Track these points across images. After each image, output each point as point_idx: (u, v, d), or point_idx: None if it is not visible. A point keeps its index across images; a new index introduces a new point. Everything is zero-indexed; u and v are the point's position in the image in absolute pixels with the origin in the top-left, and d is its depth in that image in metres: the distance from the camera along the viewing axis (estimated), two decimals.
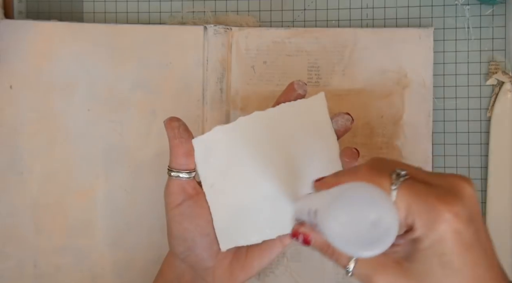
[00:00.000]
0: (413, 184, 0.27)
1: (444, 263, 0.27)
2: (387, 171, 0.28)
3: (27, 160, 0.48)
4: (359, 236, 0.24)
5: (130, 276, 0.48)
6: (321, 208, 0.25)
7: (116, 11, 0.51)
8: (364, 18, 0.49)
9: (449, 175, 0.29)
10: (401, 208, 0.27)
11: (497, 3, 0.47)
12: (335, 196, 0.24)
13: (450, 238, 0.26)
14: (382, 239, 0.24)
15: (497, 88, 0.47)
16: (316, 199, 0.29)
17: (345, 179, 0.29)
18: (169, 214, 0.38)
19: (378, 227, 0.24)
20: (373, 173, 0.28)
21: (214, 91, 0.48)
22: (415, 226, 0.27)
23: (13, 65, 0.48)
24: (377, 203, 0.24)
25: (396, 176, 0.27)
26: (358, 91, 0.47)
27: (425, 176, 0.28)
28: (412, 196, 0.27)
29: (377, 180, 0.27)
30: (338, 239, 0.24)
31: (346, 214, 0.24)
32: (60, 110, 0.48)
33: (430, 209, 0.26)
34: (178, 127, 0.38)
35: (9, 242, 0.48)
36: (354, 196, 0.24)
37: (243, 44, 0.48)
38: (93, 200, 0.48)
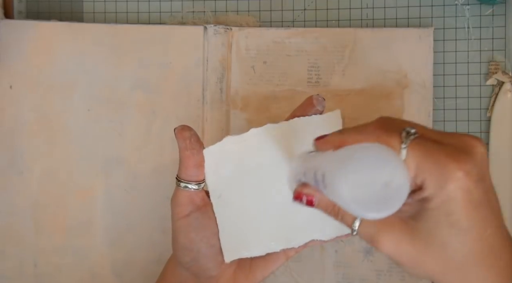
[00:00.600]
0: (423, 142, 0.26)
1: (452, 222, 0.26)
2: (396, 129, 0.27)
3: (27, 160, 0.48)
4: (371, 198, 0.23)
5: (130, 276, 0.48)
6: (330, 171, 0.25)
7: (116, 11, 0.51)
8: (364, 18, 0.49)
9: (460, 134, 0.28)
10: (411, 167, 0.26)
11: (497, 3, 0.47)
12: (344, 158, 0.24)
13: (459, 197, 0.26)
14: (393, 200, 0.24)
15: (497, 88, 0.47)
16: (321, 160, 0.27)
17: (351, 138, 0.28)
18: (176, 224, 0.37)
19: (389, 188, 0.23)
20: (381, 131, 0.27)
21: (214, 91, 0.48)
22: (425, 185, 0.26)
23: (13, 65, 0.48)
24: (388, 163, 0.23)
25: (406, 134, 0.26)
26: (358, 91, 0.47)
27: (435, 135, 0.28)
28: (422, 154, 0.26)
29: (385, 139, 0.26)
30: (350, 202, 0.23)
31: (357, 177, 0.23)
32: (60, 110, 0.48)
33: (440, 168, 0.25)
34: (190, 137, 0.36)
35: (9, 242, 0.48)
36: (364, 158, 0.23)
37: (243, 44, 0.48)
38: (93, 200, 0.48)
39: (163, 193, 0.47)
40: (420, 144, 0.26)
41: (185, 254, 0.37)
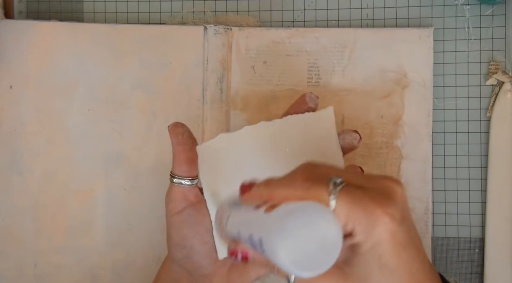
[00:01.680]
0: (350, 190, 0.27)
1: (382, 265, 0.27)
2: (322, 179, 0.28)
3: (27, 160, 0.48)
4: (307, 258, 0.24)
5: (130, 276, 0.48)
6: (267, 237, 0.25)
7: (116, 11, 0.51)
8: (364, 18, 0.49)
9: (380, 177, 0.29)
10: (341, 216, 0.27)
11: (497, 3, 0.47)
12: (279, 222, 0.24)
13: (386, 240, 0.27)
14: (329, 256, 0.24)
15: (497, 88, 0.47)
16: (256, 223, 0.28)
17: (279, 192, 0.29)
18: (170, 220, 0.37)
19: (325, 245, 0.24)
20: (309, 184, 0.28)
21: (214, 91, 0.48)
22: (355, 231, 0.27)
23: (13, 65, 0.48)
24: (322, 222, 0.24)
25: (333, 185, 0.27)
26: (358, 91, 0.47)
27: (358, 180, 0.29)
28: (350, 202, 0.27)
29: (314, 192, 0.27)
30: (288, 265, 0.24)
31: (294, 240, 0.24)
32: (60, 110, 0.48)
33: (368, 213, 0.27)
34: (182, 133, 0.37)
35: (9, 242, 0.48)
36: (300, 221, 0.24)
37: (243, 44, 0.48)
38: (93, 200, 0.48)
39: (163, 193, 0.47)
40: (347, 192, 0.27)
41: (178, 250, 0.38)
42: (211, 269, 0.38)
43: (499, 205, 0.46)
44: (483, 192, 0.47)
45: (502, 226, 0.46)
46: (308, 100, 0.39)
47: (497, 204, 0.46)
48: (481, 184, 0.47)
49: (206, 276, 0.38)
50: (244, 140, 0.37)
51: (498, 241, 0.46)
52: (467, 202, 0.48)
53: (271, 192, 0.29)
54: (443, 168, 0.48)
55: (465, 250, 0.47)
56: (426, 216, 0.46)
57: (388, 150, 0.47)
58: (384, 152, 0.47)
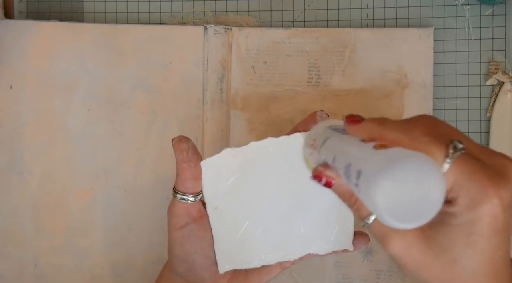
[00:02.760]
0: (468, 160, 0.26)
1: (470, 242, 0.26)
2: (443, 139, 0.26)
3: (27, 160, 0.48)
4: (404, 209, 0.23)
5: (130, 276, 0.48)
6: (368, 172, 0.24)
7: (116, 11, 0.51)
8: (364, 18, 0.49)
9: (499, 154, 0.28)
10: (449, 180, 0.26)
11: (497, 3, 0.47)
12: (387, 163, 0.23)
13: (486, 221, 0.26)
14: (425, 214, 0.23)
15: (497, 88, 0.47)
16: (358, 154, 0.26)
17: (393, 135, 0.27)
18: (172, 235, 0.37)
19: (425, 201, 0.23)
20: (429, 138, 0.26)
21: (214, 91, 0.48)
22: (457, 201, 0.26)
23: (13, 65, 0.48)
24: (429, 178, 0.23)
25: (453, 148, 0.26)
26: (358, 91, 0.47)
27: (479, 151, 0.27)
28: (464, 172, 0.26)
29: (431, 148, 0.26)
30: (382, 210, 0.23)
31: (398, 186, 0.23)
32: (60, 110, 0.48)
33: (480, 189, 0.25)
34: (187, 149, 0.36)
35: (9, 242, 0.48)
36: (408, 170, 0.23)
37: (243, 44, 0.48)
38: (93, 200, 0.48)
39: (163, 193, 0.47)
40: (464, 161, 0.26)
41: (180, 264, 0.37)
42: (212, 281, 0.38)
43: None
44: None
45: None
46: (318, 119, 0.38)
47: None
48: None
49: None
50: (250, 155, 0.37)
51: None
52: None
53: (383, 131, 0.28)
54: None
55: None
56: None
57: None
58: None
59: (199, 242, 0.37)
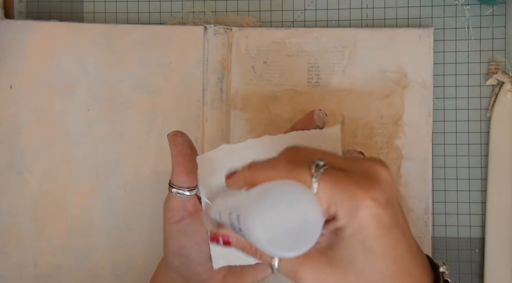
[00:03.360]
0: (333, 173, 0.27)
1: (366, 249, 0.27)
2: (305, 162, 0.27)
3: (27, 160, 0.48)
4: (286, 238, 0.23)
5: (130, 276, 0.48)
6: (244, 212, 0.24)
7: (116, 11, 0.51)
8: (364, 18, 0.49)
9: (364, 159, 0.29)
10: (323, 199, 0.26)
11: (497, 3, 0.47)
12: (257, 198, 0.24)
13: (370, 223, 0.26)
14: (308, 237, 0.24)
15: (497, 88, 0.47)
16: (235, 200, 0.27)
17: (262, 174, 0.28)
18: (167, 229, 0.37)
19: (304, 226, 0.24)
20: (291, 166, 0.27)
21: (214, 91, 0.48)
22: (338, 215, 0.27)
23: (13, 65, 0.48)
24: (301, 200, 0.24)
25: (315, 167, 0.27)
26: (358, 91, 0.47)
27: (342, 163, 0.28)
28: (333, 186, 0.26)
29: (296, 174, 0.27)
30: (265, 244, 0.23)
31: (272, 217, 0.23)
32: (60, 110, 0.48)
33: (351, 197, 0.26)
34: (182, 143, 0.36)
35: (9, 242, 0.48)
36: (277, 196, 0.23)
37: (243, 44, 0.48)
38: (93, 200, 0.48)
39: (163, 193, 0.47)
40: (329, 175, 0.27)
41: (175, 259, 0.38)
42: (207, 276, 0.38)
43: (499, 205, 0.46)
44: (483, 192, 0.47)
45: (502, 226, 0.46)
46: (316, 118, 0.38)
47: (497, 204, 0.46)
48: (481, 184, 0.47)
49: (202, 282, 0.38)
50: (246, 152, 0.36)
51: (498, 241, 0.46)
52: (467, 202, 0.48)
53: (254, 174, 0.29)
54: (443, 168, 0.48)
55: (465, 250, 0.47)
56: (426, 216, 0.46)
57: (388, 150, 0.47)
58: (384, 152, 0.47)
59: (194, 236, 0.37)
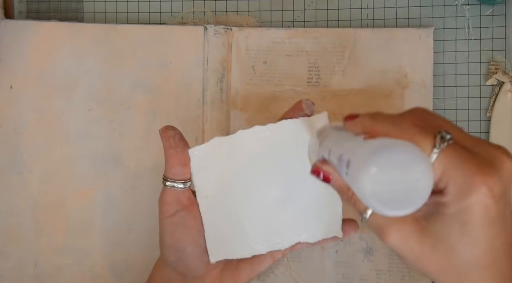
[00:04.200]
0: (456, 149, 0.26)
1: (465, 231, 0.27)
2: (432, 130, 0.27)
3: (27, 160, 0.48)
4: (391, 196, 0.23)
5: (130, 276, 0.48)
6: (356, 160, 0.24)
7: (116, 11, 0.51)
8: (364, 18, 0.49)
9: (491, 144, 0.28)
10: (438, 169, 0.26)
11: (497, 3, 0.47)
12: (374, 151, 0.23)
13: (477, 211, 0.26)
14: (413, 201, 0.24)
15: (497, 88, 0.47)
16: (350, 145, 0.27)
17: (384, 128, 0.27)
18: (163, 223, 0.38)
19: (412, 189, 0.23)
20: (417, 129, 0.27)
21: (214, 91, 0.48)
22: (447, 190, 0.26)
23: (13, 65, 0.48)
24: (417, 166, 0.23)
25: (440, 139, 0.26)
26: (358, 91, 0.47)
27: (468, 141, 0.28)
28: (452, 161, 0.26)
29: (419, 139, 0.26)
30: (369, 196, 0.23)
31: (383, 173, 0.23)
32: (60, 110, 0.48)
33: (467, 178, 0.26)
34: (174, 136, 0.37)
35: (9, 242, 0.48)
36: (394, 156, 0.23)
37: (243, 44, 0.48)
38: (93, 200, 0.48)
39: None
40: (452, 151, 0.26)
41: (171, 253, 0.38)
42: (204, 271, 0.38)
43: None
44: None
45: None
46: (304, 107, 0.38)
47: None
48: None
49: (199, 278, 0.38)
50: (238, 144, 0.37)
51: None
52: None
53: (375, 125, 0.28)
54: None
55: None
56: None
57: None
58: None
59: (189, 230, 0.37)
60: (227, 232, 0.38)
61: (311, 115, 0.39)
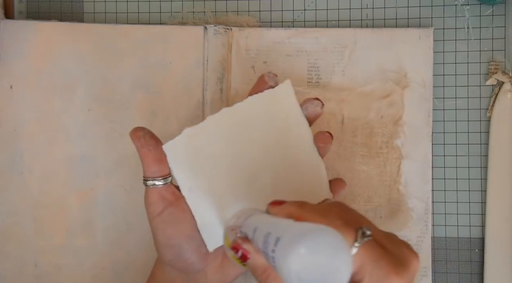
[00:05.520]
0: (374, 247, 0.29)
1: None
2: (354, 225, 0.29)
3: (27, 160, 0.48)
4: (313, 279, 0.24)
5: (130, 276, 0.48)
6: (287, 238, 0.25)
7: (116, 11, 0.51)
8: (364, 18, 0.49)
9: (402, 244, 0.31)
10: (355, 263, 0.28)
11: (497, 3, 0.47)
12: (305, 232, 0.24)
13: None
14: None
15: (497, 88, 0.47)
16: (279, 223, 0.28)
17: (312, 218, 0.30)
18: (153, 224, 0.38)
19: (333, 276, 0.24)
20: (342, 222, 0.29)
21: (214, 91, 0.48)
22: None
23: (13, 65, 0.48)
24: (342, 254, 0.25)
25: (361, 234, 0.29)
26: (358, 91, 0.47)
27: (384, 239, 0.30)
28: (370, 257, 0.28)
29: (343, 231, 0.28)
30: (294, 276, 0.24)
31: (312, 254, 0.24)
32: (60, 110, 0.48)
33: (383, 275, 0.28)
34: (144, 136, 0.37)
35: (9, 242, 0.48)
36: (324, 241, 0.24)
37: (243, 45, 0.48)
38: (93, 200, 0.48)
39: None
40: (371, 247, 0.29)
41: (167, 251, 0.38)
42: (204, 264, 0.38)
43: (499, 205, 0.46)
44: (483, 192, 0.47)
45: (502, 226, 0.46)
46: (267, 79, 0.39)
47: (497, 204, 0.46)
48: (481, 184, 0.47)
49: (200, 272, 0.38)
50: (210, 130, 0.37)
51: (498, 241, 0.46)
52: (467, 202, 0.48)
53: (302, 213, 0.30)
54: (443, 168, 0.48)
55: (465, 250, 0.47)
56: (426, 216, 0.46)
57: (388, 149, 0.47)
58: (384, 151, 0.47)
59: (180, 224, 0.37)
60: (218, 218, 0.38)
61: (275, 86, 0.39)
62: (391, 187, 0.47)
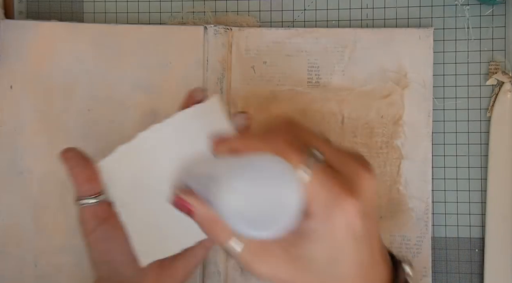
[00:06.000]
0: (324, 170, 0.26)
1: (332, 254, 0.27)
2: (301, 145, 0.26)
3: (27, 160, 0.48)
4: (256, 214, 0.22)
5: None
6: (220, 175, 0.23)
7: (116, 11, 0.51)
8: (364, 18, 0.49)
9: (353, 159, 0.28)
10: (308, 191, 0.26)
11: (497, 3, 0.47)
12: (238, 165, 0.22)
13: (343, 231, 0.26)
14: (280, 220, 0.22)
15: (497, 89, 0.47)
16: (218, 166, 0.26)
17: (253, 145, 0.27)
18: (86, 242, 0.38)
19: (278, 208, 0.22)
20: (286, 145, 0.26)
21: (214, 91, 0.48)
22: (313, 213, 0.26)
23: (13, 65, 0.48)
24: (285, 182, 0.22)
25: (310, 156, 0.26)
26: (358, 91, 0.47)
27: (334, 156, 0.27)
28: (319, 182, 0.26)
29: (290, 155, 0.26)
30: (232, 214, 0.22)
31: (249, 187, 0.22)
32: (60, 110, 0.48)
33: (332, 200, 0.26)
34: (74, 156, 0.37)
35: (10, 242, 0.48)
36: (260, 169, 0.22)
37: (243, 45, 0.48)
38: None
39: None
40: (321, 171, 0.26)
41: (101, 267, 0.38)
42: (141, 277, 0.38)
43: (499, 205, 0.46)
44: (483, 192, 0.47)
45: (502, 226, 0.46)
46: (194, 94, 0.39)
47: (497, 204, 0.46)
48: (481, 184, 0.47)
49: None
50: (142, 147, 0.37)
51: (498, 241, 0.46)
52: (467, 202, 0.48)
53: (246, 143, 0.28)
54: (443, 168, 0.48)
55: (465, 250, 0.47)
56: (426, 216, 0.46)
57: (388, 149, 0.47)
58: (384, 151, 0.47)
59: (114, 240, 0.37)
60: (151, 234, 0.38)
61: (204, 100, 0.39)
62: (391, 187, 0.47)
